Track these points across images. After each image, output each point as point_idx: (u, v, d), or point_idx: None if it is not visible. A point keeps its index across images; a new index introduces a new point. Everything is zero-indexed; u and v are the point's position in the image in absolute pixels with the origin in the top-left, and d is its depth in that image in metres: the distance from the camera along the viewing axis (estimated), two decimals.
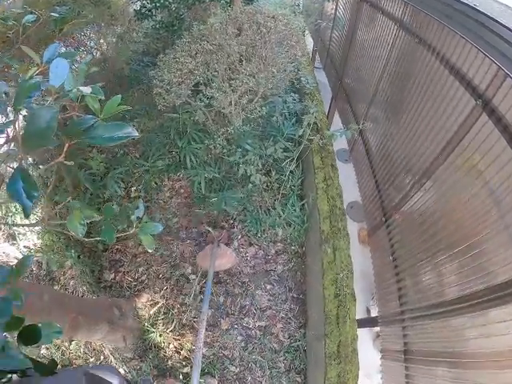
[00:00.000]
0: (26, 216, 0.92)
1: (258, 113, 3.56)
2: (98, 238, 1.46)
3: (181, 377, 3.35)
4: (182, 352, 3.54)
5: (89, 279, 3.89)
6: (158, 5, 5.07)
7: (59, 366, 3.47)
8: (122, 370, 3.51)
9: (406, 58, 2.89)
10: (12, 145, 1.20)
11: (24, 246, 4.31)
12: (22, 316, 0.89)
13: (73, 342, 3.67)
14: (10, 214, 4.28)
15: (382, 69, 3.40)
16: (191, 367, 3.43)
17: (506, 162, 1.53)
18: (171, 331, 3.59)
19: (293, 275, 3.81)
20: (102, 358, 3.63)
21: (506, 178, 1.51)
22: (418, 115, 2.56)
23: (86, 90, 1.11)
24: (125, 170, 4.21)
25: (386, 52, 3.30)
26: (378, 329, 3.34)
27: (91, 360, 3.63)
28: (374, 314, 3.64)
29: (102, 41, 6.17)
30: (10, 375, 0.80)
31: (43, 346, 3.64)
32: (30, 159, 4.48)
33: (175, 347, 3.57)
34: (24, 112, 1.36)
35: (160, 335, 3.55)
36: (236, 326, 3.57)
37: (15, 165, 1.01)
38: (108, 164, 4.44)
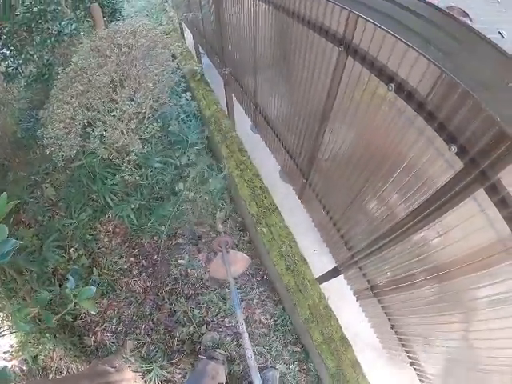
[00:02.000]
0: None
1: (153, 130, 3.53)
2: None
3: None
4: (187, 376, 3.62)
5: (74, 352, 3.83)
6: (21, 62, 4.84)
7: None
8: None
9: (270, 26, 2.90)
10: None
11: (4, 352, 4.20)
12: None
13: None
14: None
15: (253, 42, 3.40)
16: None
17: (382, 97, 1.62)
18: (169, 361, 3.65)
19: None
20: None
21: (389, 108, 1.61)
22: (297, 74, 2.60)
23: None
24: (57, 235, 4.11)
25: (251, 25, 3.29)
26: None
27: None
28: None
29: None
30: None
31: None
32: None
33: (178, 373, 3.64)
34: None
35: (161, 368, 3.60)
36: (220, 330, 3.66)
37: None
38: (40, 234, 4.32)
